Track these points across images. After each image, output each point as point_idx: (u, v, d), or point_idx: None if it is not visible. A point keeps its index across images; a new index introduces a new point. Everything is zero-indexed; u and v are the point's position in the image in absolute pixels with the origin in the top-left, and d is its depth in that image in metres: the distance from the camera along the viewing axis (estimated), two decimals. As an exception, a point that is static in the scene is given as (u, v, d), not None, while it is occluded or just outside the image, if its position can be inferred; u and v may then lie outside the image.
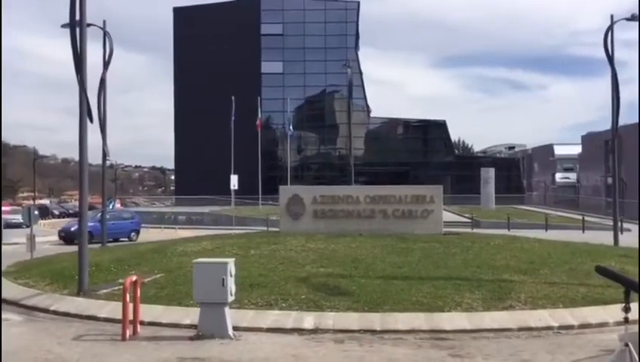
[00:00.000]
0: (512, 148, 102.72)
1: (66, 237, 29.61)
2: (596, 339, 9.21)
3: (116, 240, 23.47)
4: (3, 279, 14.92)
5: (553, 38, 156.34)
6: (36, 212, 23.58)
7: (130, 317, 9.63)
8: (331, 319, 10.22)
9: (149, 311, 10.59)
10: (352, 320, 10.18)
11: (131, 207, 61.54)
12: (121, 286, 9.85)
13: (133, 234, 30.56)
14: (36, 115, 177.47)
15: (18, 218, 31.65)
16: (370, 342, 9.27)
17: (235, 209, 45.51)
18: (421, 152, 74.62)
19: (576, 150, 69.26)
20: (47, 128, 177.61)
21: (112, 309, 10.96)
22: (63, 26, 18.46)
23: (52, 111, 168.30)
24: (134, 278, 10.06)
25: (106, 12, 33.33)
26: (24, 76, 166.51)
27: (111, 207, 35.79)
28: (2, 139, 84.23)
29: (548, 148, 76.94)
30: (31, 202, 62.53)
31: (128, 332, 9.48)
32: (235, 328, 9.56)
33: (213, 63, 69.39)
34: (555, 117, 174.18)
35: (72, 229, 30.02)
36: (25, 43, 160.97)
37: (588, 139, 64.75)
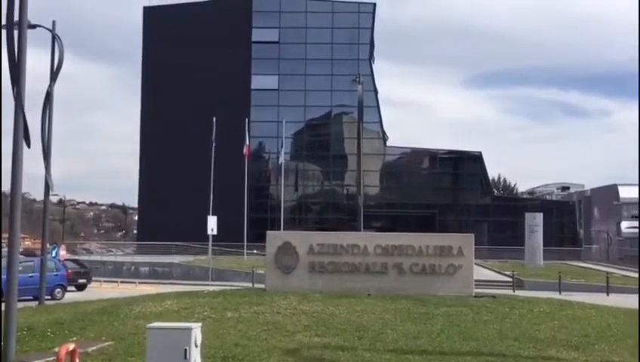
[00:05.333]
0: (565, 188, 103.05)
1: None
2: None
3: (36, 298, 23.69)
4: None
5: (619, 53, 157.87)
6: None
7: (66, 397, 9.48)
8: (324, 404, 10.10)
9: (90, 390, 10.47)
10: (351, 406, 10.05)
11: (82, 254, 61.39)
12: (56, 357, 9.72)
13: (58, 291, 30.24)
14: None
15: None
16: None
17: (213, 259, 45.43)
18: (451, 192, 74.83)
19: (647, 192, 69.21)
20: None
21: (43, 386, 10.83)
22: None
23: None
24: (72, 347, 9.94)
25: (63, 11, 33.88)
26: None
27: (53, 254, 35.67)
28: None
29: (611, 190, 77.04)
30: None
31: (62, 417, 9.29)
32: (199, 414, 9.41)
33: (190, 77, 70.08)
34: (621, 150, 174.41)
35: None
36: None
37: (662, 179, 64.78)
